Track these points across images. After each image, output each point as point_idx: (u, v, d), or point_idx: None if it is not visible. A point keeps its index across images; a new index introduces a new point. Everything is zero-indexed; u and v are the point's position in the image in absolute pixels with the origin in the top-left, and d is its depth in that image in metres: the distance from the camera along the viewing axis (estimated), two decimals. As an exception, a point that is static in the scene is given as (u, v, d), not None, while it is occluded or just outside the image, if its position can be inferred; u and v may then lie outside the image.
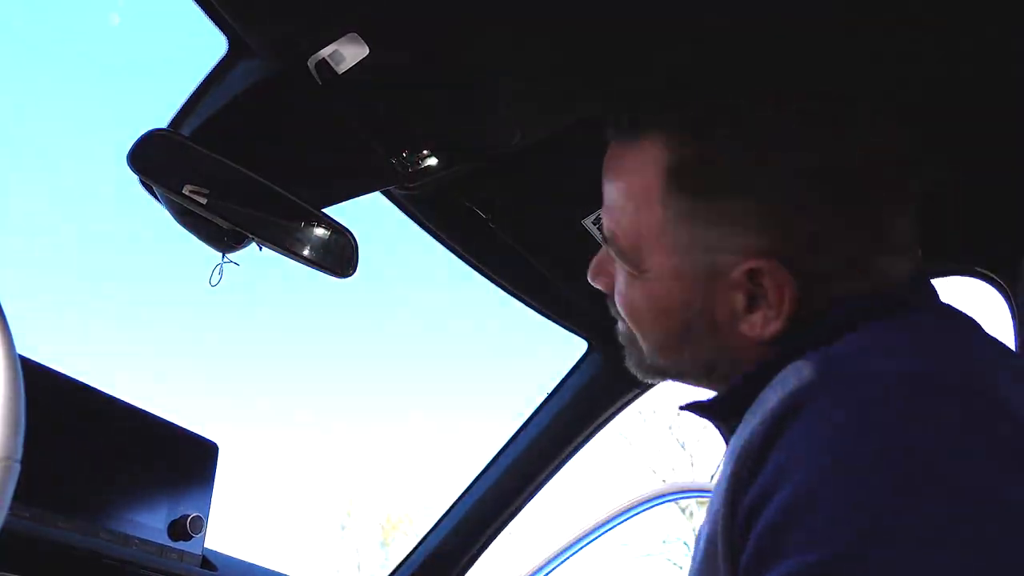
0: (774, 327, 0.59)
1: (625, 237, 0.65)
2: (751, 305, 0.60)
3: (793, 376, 0.51)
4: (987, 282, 1.25)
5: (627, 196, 0.65)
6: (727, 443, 0.63)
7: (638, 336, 0.69)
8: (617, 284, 0.69)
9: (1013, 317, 1.21)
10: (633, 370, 0.72)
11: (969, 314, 0.61)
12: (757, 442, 0.48)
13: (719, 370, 0.65)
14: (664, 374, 0.70)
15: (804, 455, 0.45)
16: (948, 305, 0.61)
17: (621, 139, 0.67)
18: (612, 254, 0.68)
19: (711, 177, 0.60)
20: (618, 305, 0.70)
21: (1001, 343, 0.59)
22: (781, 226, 0.58)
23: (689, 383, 0.70)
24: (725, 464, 0.53)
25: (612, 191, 0.67)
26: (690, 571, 0.55)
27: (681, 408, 0.68)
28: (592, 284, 0.74)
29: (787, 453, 0.46)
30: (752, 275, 0.59)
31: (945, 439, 0.43)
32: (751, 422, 0.51)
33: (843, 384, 0.48)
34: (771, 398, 0.51)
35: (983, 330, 0.60)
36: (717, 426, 0.66)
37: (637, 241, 0.64)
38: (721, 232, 0.60)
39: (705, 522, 0.54)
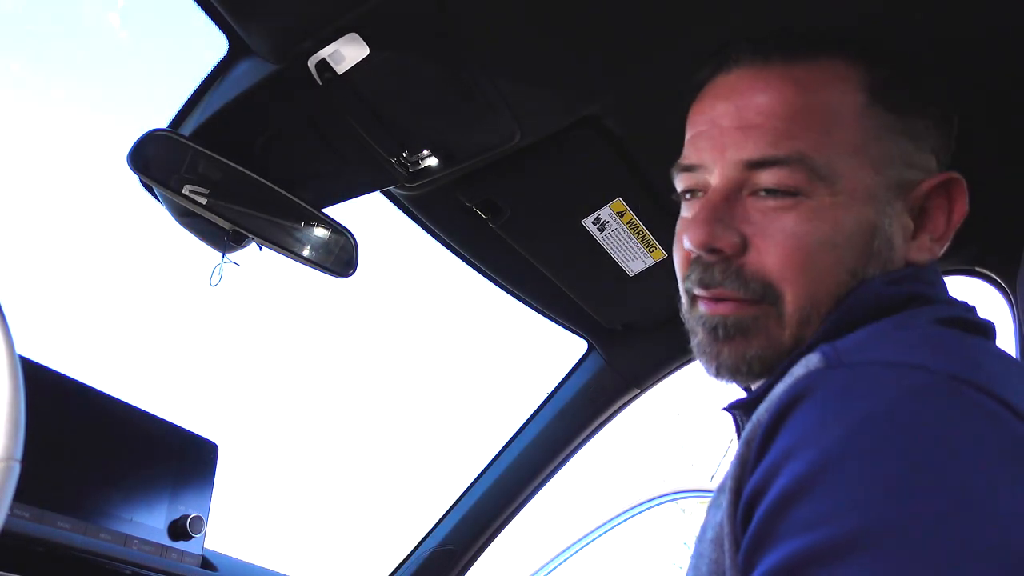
0: (935, 250, 0.64)
1: (818, 153, 0.59)
2: (916, 228, 0.64)
3: (801, 367, 0.51)
4: (987, 282, 1.25)
5: (816, 112, 0.60)
6: (739, 433, 0.63)
7: (796, 293, 0.59)
8: (777, 227, 0.59)
9: (1013, 317, 1.22)
10: (728, 364, 0.62)
11: (987, 324, 0.62)
12: (763, 428, 0.48)
13: (855, 318, 0.58)
14: (758, 368, 0.61)
15: (808, 440, 0.45)
16: (971, 316, 0.62)
17: (792, 59, 0.63)
18: (792, 179, 0.59)
19: (904, 94, 0.63)
20: (780, 255, 0.59)
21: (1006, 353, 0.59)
22: (945, 150, 0.65)
23: (757, 381, 0.63)
24: (736, 451, 0.53)
25: (785, 109, 0.60)
26: (695, 552, 0.54)
27: (724, 409, 0.65)
28: (701, 251, 0.62)
29: (791, 438, 0.46)
30: (934, 191, 0.63)
31: (949, 436, 0.43)
32: (760, 410, 0.52)
33: (849, 373, 0.48)
34: (780, 388, 0.52)
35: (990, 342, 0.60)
36: (735, 417, 0.66)
37: (832, 157, 0.59)
38: (914, 147, 0.63)
39: (713, 505, 0.54)
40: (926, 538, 0.40)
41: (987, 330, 0.61)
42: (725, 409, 0.65)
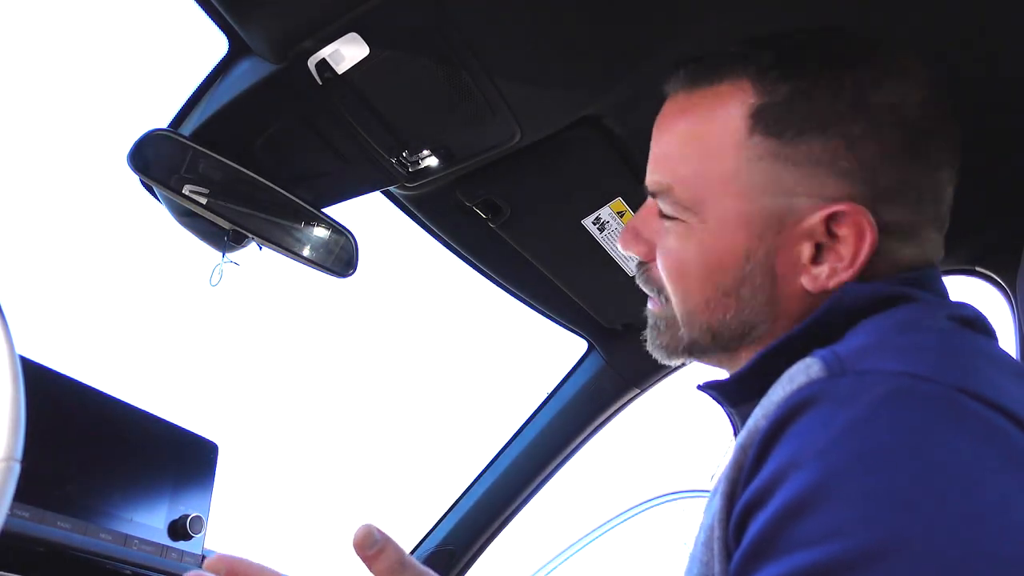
0: (843, 277, 0.59)
1: (683, 185, 0.63)
2: (816, 257, 0.60)
3: (803, 373, 0.50)
4: (987, 282, 1.25)
5: (696, 141, 0.63)
6: (736, 434, 0.63)
7: (677, 301, 0.66)
8: (664, 243, 0.66)
9: (1013, 317, 1.22)
10: (658, 352, 0.70)
11: (986, 321, 0.61)
12: (761, 434, 0.48)
13: (756, 333, 0.63)
14: (694, 349, 0.67)
15: (814, 452, 0.44)
16: (963, 311, 0.61)
17: (693, 87, 0.65)
18: (666, 207, 0.65)
19: (799, 116, 0.59)
20: (663, 268, 0.66)
21: (1001, 350, 0.59)
22: (864, 170, 0.58)
23: (716, 359, 0.68)
24: (731, 454, 0.52)
25: (673, 139, 0.65)
26: (690, 557, 0.54)
27: (699, 387, 0.67)
28: (625, 251, 0.72)
29: (792, 449, 0.46)
30: (830, 221, 0.59)
31: (958, 450, 0.43)
32: (756, 415, 0.51)
33: (855, 383, 0.47)
34: (778, 392, 0.51)
35: (987, 338, 0.59)
36: (729, 414, 0.66)
37: (700, 187, 0.62)
38: (804, 174, 0.59)
39: (707, 510, 0.53)
40: (937, 551, 0.39)
41: (987, 329, 0.61)
42: (699, 388, 0.67)
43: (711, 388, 0.65)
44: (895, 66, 0.60)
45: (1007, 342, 1.21)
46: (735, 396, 0.63)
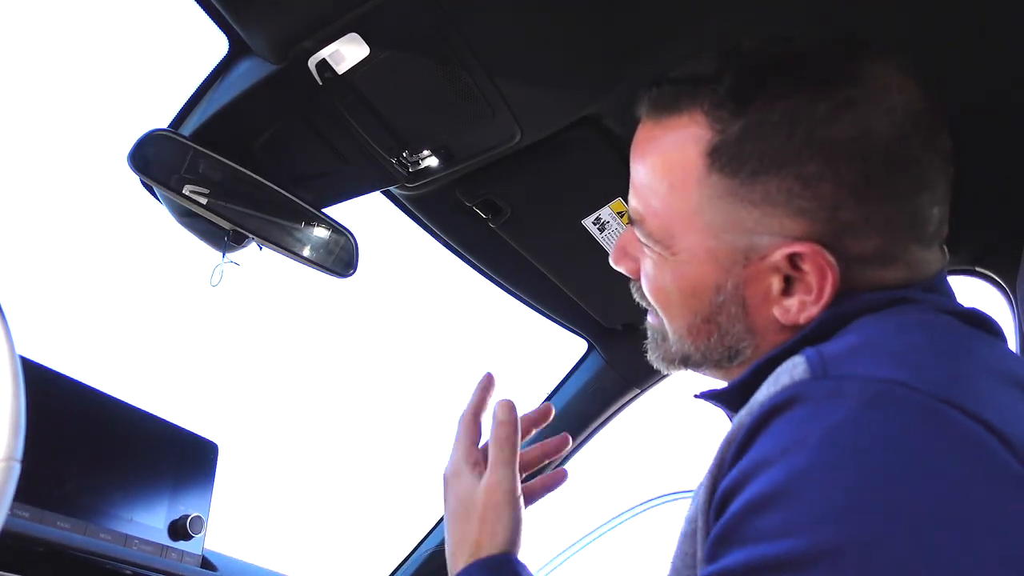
0: (811, 312, 0.59)
1: (657, 217, 0.63)
2: (787, 289, 0.60)
3: (788, 373, 0.51)
4: (987, 282, 1.25)
5: (662, 174, 0.62)
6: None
7: (665, 321, 0.68)
8: (644, 267, 0.67)
9: (1013, 317, 1.22)
10: (657, 363, 0.71)
11: (988, 317, 0.60)
12: (742, 432, 0.49)
13: (742, 355, 0.64)
14: (687, 362, 0.68)
15: (786, 450, 0.45)
16: (969, 308, 0.61)
17: (655, 116, 0.64)
18: (641, 236, 0.66)
19: (752, 155, 0.58)
20: (645, 289, 0.68)
21: (1008, 351, 0.58)
22: (823, 208, 0.57)
23: (710, 373, 0.69)
24: (720, 444, 0.53)
25: (644, 170, 0.65)
26: (675, 551, 0.55)
27: (696, 396, 0.67)
28: (615, 268, 0.73)
29: (766, 447, 0.47)
30: (792, 259, 0.58)
31: (926, 457, 0.43)
32: (742, 413, 0.52)
33: (833, 386, 0.47)
34: (764, 392, 0.51)
35: (990, 338, 0.59)
36: (729, 416, 0.66)
37: (670, 221, 0.62)
38: (762, 213, 0.58)
39: (692, 502, 0.54)
40: (885, 557, 0.40)
41: (994, 329, 0.60)
42: (697, 396, 0.67)
43: (708, 398, 0.66)
44: (860, 92, 0.57)
45: (1007, 342, 1.21)
46: (734, 403, 0.64)
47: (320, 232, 1.16)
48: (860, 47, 0.59)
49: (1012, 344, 1.20)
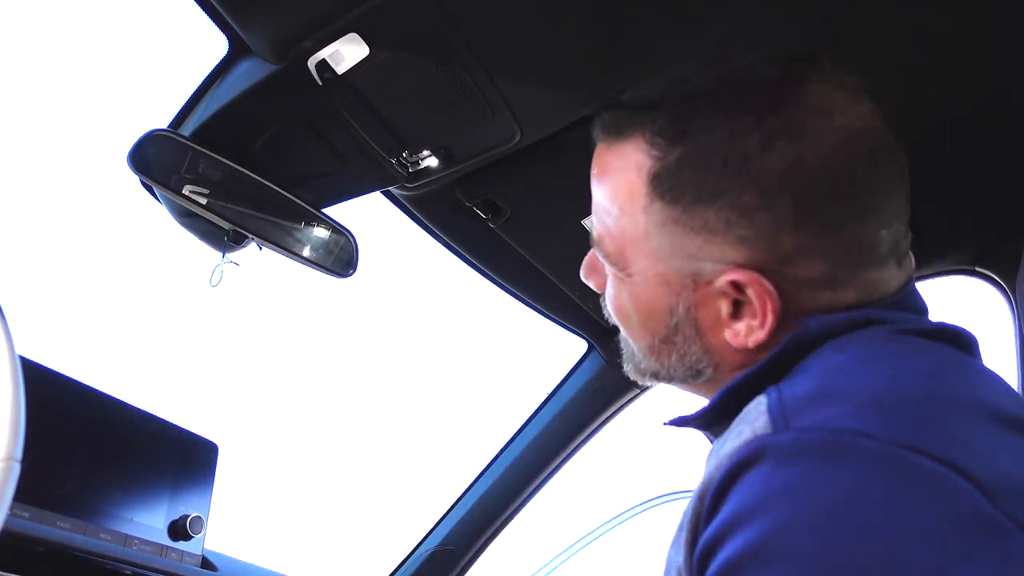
0: (758, 337, 0.59)
1: (612, 240, 0.65)
2: (736, 312, 0.60)
3: (750, 424, 0.50)
4: (987, 282, 1.25)
5: (612, 199, 0.64)
6: (711, 441, 0.64)
7: (628, 338, 0.69)
8: (607, 287, 0.69)
9: (1013, 317, 1.22)
10: (629, 374, 0.72)
11: (956, 330, 0.59)
12: (713, 486, 0.49)
13: (705, 374, 0.65)
14: (657, 377, 0.69)
15: (756, 510, 0.45)
16: (934, 325, 0.59)
17: (607, 141, 0.65)
18: (600, 256, 0.67)
19: (690, 185, 0.58)
20: (608, 306, 0.70)
21: (980, 371, 0.56)
22: (762, 237, 0.56)
23: (681, 387, 0.70)
24: (691, 499, 0.53)
25: (599, 193, 0.66)
26: None
27: (666, 424, 0.67)
28: (585, 281, 0.74)
29: (736, 506, 0.46)
30: (736, 285, 0.58)
31: (896, 513, 0.42)
32: (711, 466, 0.51)
33: (793, 442, 0.47)
34: (729, 444, 0.51)
35: (962, 354, 0.57)
36: (709, 438, 0.66)
37: (623, 244, 0.64)
38: (704, 240, 0.58)
39: (674, 544, 0.54)
40: None
41: (967, 345, 0.59)
42: (667, 424, 0.67)
43: (679, 424, 0.66)
44: (795, 121, 0.56)
45: (1007, 342, 1.21)
46: (705, 425, 0.64)
47: (320, 232, 1.16)
48: (804, 68, 0.58)
49: (1012, 345, 1.20)
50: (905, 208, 0.60)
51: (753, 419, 0.51)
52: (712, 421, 0.62)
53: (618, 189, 0.63)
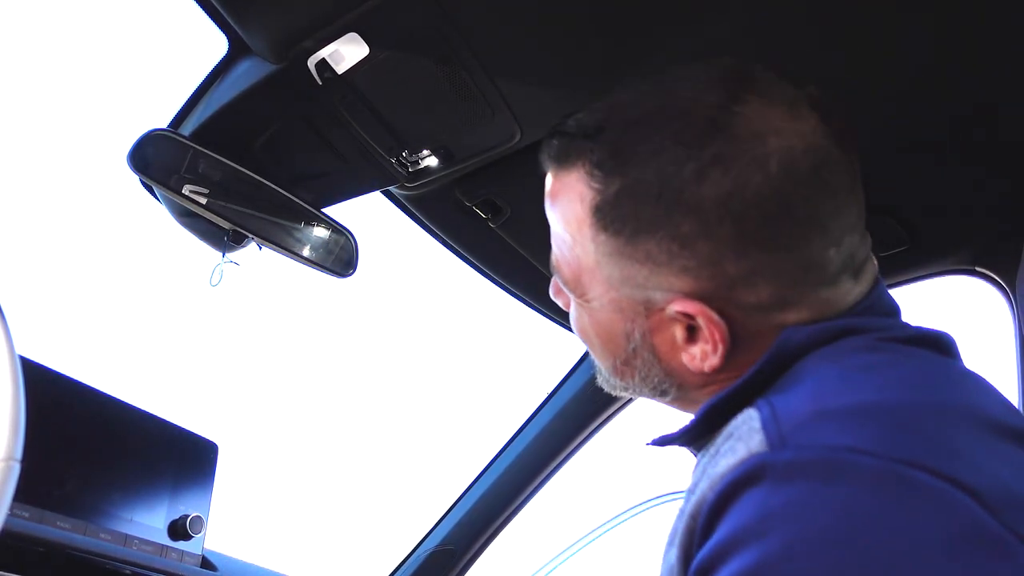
0: (712, 362, 0.59)
1: (567, 267, 0.65)
2: (691, 336, 0.60)
3: (744, 443, 0.50)
4: (987, 282, 1.25)
5: (564, 227, 0.64)
6: (695, 453, 0.63)
7: (593, 357, 0.70)
8: (571, 307, 0.69)
9: (1013, 317, 1.22)
10: (604, 387, 0.72)
11: (936, 335, 0.58)
12: (707, 506, 0.48)
13: (670, 393, 0.66)
14: (627, 391, 0.69)
15: (754, 532, 0.44)
16: (914, 330, 0.59)
17: (554, 168, 0.65)
18: (559, 282, 0.68)
19: (630, 216, 0.58)
20: (573, 327, 0.70)
21: (967, 376, 0.56)
22: (704, 265, 0.56)
23: (655, 401, 0.70)
24: (680, 514, 0.53)
25: (553, 220, 0.66)
26: None
27: (648, 444, 0.67)
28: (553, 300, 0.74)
29: (734, 526, 0.46)
30: (685, 313, 0.59)
31: (897, 530, 0.42)
32: (703, 486, 0.50)
33: (792, 460, 0.46)
34: (722, 463, 0.50)
35: (945, 358, 0.57)
36: (694, 453, 0.66)
37: (578, 272, 0.64)
38: (649, 271, 0.58)
39: (665, 559, 0.54)
40: None
41: (948, 349, 0.58)
42: (649, 444, 0.67)
43: (662, 444, 0.65)
44: (730, 146, 0.55)
45: (1007, 342, 1.21)
46: (688, 443, 0.64)
47: (320, 232, 1.16)
48: (742, 87, 0.57)
49: (1012, 345, 1.20)
50: (859, 219, 0.59)
51: (747, 436, 0.50)
52: (695, 438, 0.62)
53: (568, 218, 0.63)
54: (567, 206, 0.63)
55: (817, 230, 0.56)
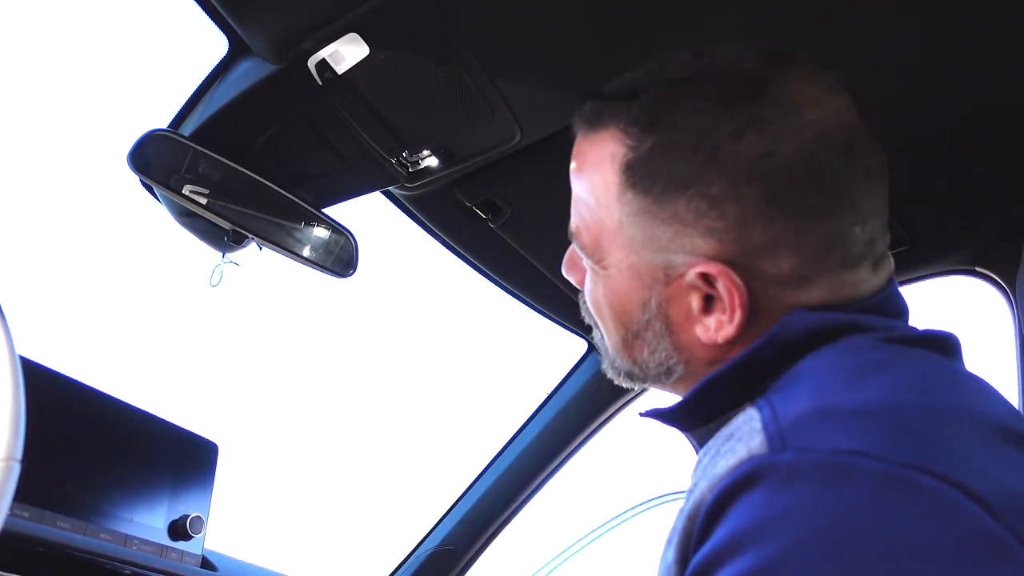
0: (727, 332, 0.58)
1: (588, 232, 0.65)
2: (707, 307, 0.60)
3: (744, 444, 0.49)
4: (987, 282, 1.25)
5: (590, 190, 0.64)
6: (697, 452, 0.63)
7: (603, 335, 0.69)
8: (585, 279, 0.69)
9: (1013, 317, 1.22)
10: (608, 374, 0.71)
11: (940, 336, 0.58)
12: (706, 508, 0.48)
13: (676, 372, 0.64)
14: (632, 377, 0.69)
15: (753, 536, 0.44)
16: (919, 332, 0.58)
17: (584, 132, 0.65)
18: (577, 249, 0.68)
19: (661, 174, 0.58)
20: (585, 301, 0.69)
21: (970, 379, 0.55)
22: (732, 229, 0.56)
23: (656, 387, 0.69)
24: (679, 514, 0.52)
25: (577, 184, 0.67)
26: None
27: (641, 415, 0.67)
28: (565, 276, 0.74)
29: (733, 528, 0.45)
30: (705, 277, 0.58)
31: (901, 535, 0.41)
32: (702, 487, 0.50)
33: (793, 463, 0.46)
34: (722, 464, 0.50)
35: (949, 360, 0.57)
36: (686, 435, 0.66)
37: (598, 236, 0.64)
38: (675, 232, 0.58)
39: (663, 560, 0.54)
40: None
41: (952, 350, 0.58)
42: (642, 415, 0.67)
43: (655, 417, 0.65)
44: (769, 110, 0.55)
45: (1007, 342, 1.21)
46: (683, 423, 0.63)
47: (320, 232, 1.16)
48: (782, 60, 0.58)
49: (1012, 345, 1.20)
50: (884, 207, 0.59)
51: (747, 437, 0.50)
52: (689, 419, 0.62)
53: (594, 180, 0.63)
54: (595, 167, 0.63)
55: (846, 205, 0.56)
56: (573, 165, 0.67)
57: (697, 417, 0.60)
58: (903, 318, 0.62)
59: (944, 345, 0.58)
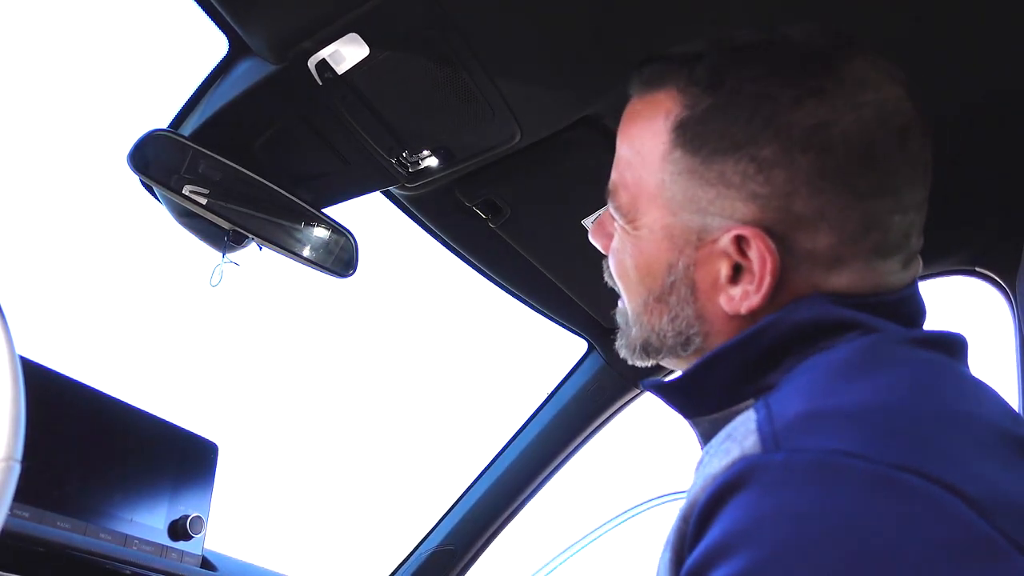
0: (752, 302, 0.58)
1: (626, 190, 0.65)
2: (735, 276, 0.59)
3: (738, 444, 0.49)
4: (987, 282, 1.25)
5: (636, 148, 0.64)
6: (701, 447, 0.62)
7: (625, 299, 0.69)
8: (612, 243, 0.69)
9: (1013, 317, 1.22)
10: (624, 352, 0.71)
11: (947, 337, 0.57)
12: (699, 508, 0.48)
13: (693, 343, 0.64)
14: (648, 350, 0.68)
15: (744, 537, 0.44)
16: (924, 333, 0.59)
17: (641, 92, 0.65)
18: (611, 209, 0.68)
19: (714, 134, 0.58)
20: (610, 263, 0.69)
21: (971, 382, 0.55)
22: (775, 196, 0.56)
23: (670, 362, 0.69)
24: (676, 521, 0.52)
25: (623, 143, 0.67)
26: None
27: (643, 384, 0.68)
28: (592, 242, 0.74)
29: (727, 527, 0.45)
30: (739, 243, 0.58)
31: (891, 538, 0.41)
32: (697, 486, 0.50)
33: (785, 463, 0.46)
34: (716, 463, 0.50)
35: (953, 362, 0.56)
36: (693, 428, 0.65)
37: (636, 195, 0.64)
38: (717, 194, 0.59)
39: (661, 562, 0.53)
40: None
41: (958, 352, 0.58)
42: (642, 384, 0.68)
43: (657, 389, 0.65)
44: (831, 84, 0.56)
45: (1007, 342, 1.21)
46: (685, 408, 0.64)
47: (320, 232, 1.16)
48: (847, 42, 0.59)
49: (1012, 344, 1.20)
50: (924, 204, 0.59)
51: (742, 437, 0.50)
52: (689, 399, 0.62)
53: (643, 137, 0.63)
54: (645, 124, 0.63)
55: (891, 189, 0.57)
56: (621, 126, 0.67)
57: (697, 399, 0.60)
58: (920, 321, 0.61)
59: (951, 346, 0.57)
